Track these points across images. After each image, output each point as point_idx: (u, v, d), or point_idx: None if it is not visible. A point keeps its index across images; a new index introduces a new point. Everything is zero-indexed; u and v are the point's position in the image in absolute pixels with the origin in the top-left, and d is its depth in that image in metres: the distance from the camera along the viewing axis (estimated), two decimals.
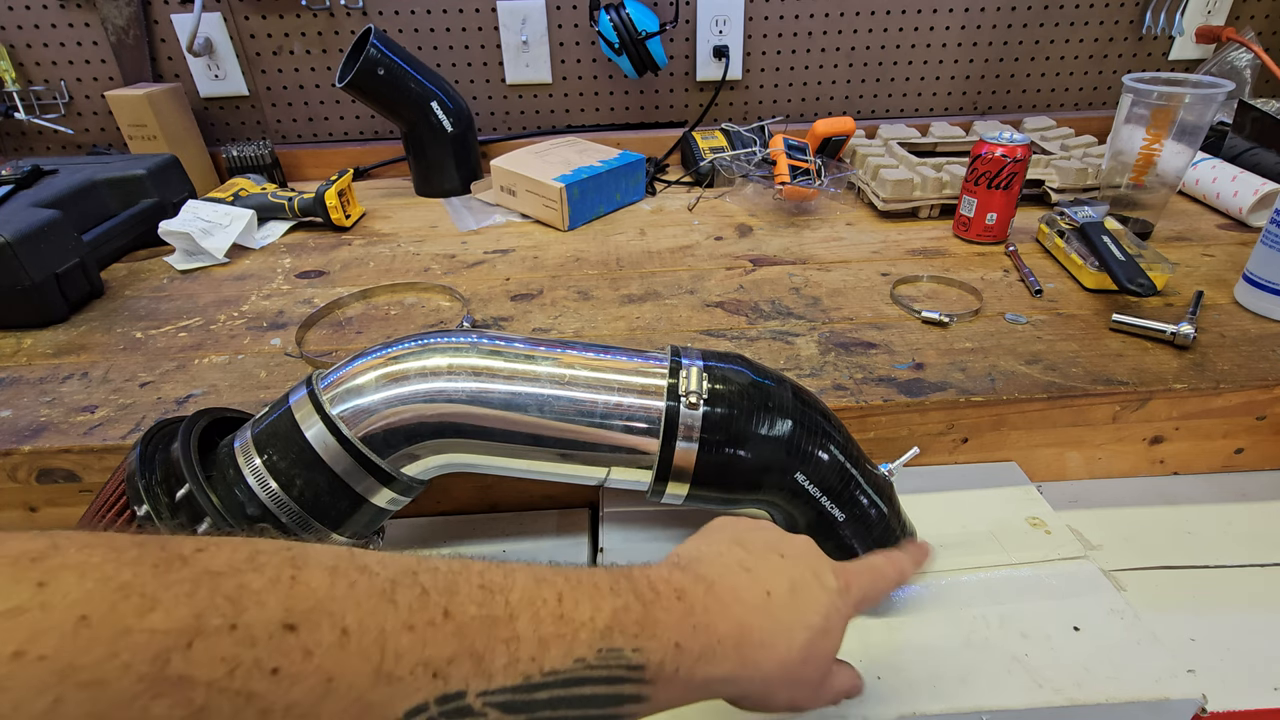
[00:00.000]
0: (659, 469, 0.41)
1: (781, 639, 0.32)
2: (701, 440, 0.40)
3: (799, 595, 0.33)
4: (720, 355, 0.44)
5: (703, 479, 0.41)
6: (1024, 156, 0.77)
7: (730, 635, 0.31)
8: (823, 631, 0.33)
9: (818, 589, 0.34)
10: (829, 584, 0.34)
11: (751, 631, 0.31)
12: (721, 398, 0.41)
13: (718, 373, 0.42)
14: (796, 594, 0.33)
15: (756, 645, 0.31)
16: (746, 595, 0.32)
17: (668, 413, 0.40)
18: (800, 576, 0.34)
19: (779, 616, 0.32)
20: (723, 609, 0.31)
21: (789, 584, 0.33)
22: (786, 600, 0.33)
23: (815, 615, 0.33)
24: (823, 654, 0.33)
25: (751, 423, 0.41)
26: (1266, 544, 0.54)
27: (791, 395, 0.43)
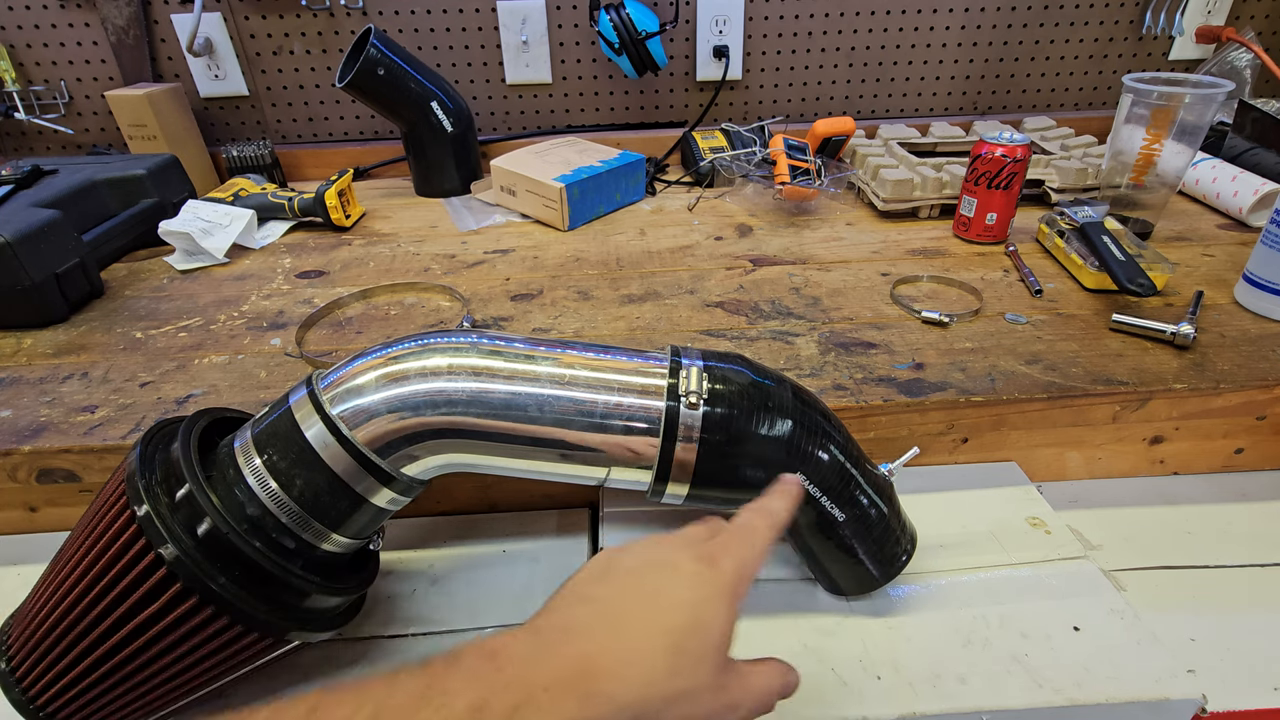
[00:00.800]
0: (659, 469, 0.41)
1: (636, 658, 0.28)
2: (701, 440, 0.40)
3: (651, 599, 0.30)
4: (720, 355, 0.44)
5: (703, 479, 0.41)
6: (1024, 156, 0.77)
7: (563, 678, 0.27)
8: (692, 628, 0.29)
9: (674, 585, 0.30)
10: (687, 572, 0.31)
11: (593, 663, 0.27)
12: (721, 398, 0.41)
13: (718, 373, 0.42)
14: (648, 599, 0.30)
15: (603, 676, 0.27)
16: (584, 627, 0.29)
17: (668, 413, 0.40)
18: (649, 582, 0.30)
19: (629, 634, 0.28)
20: (549, 651, 0.28)
21: (639, 596, 0.30)
22: (637, 614, 0.29)
23: (676, 614, 0.29)
24: (700, 653, 0.29)
25: (751, 423, 0.41)
26: (1266, 544, 0.54)
27: (791, 395, 0.43)
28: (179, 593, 0.35)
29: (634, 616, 0.29)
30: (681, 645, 0.28)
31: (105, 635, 0.36)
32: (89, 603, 0.36)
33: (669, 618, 0.29)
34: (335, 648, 0.47)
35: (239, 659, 0.39)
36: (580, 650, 0.28)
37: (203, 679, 0.39)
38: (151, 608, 0.35)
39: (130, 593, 0.36)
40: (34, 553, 0.54)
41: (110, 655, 0.36)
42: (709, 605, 0.30)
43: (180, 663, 0.37)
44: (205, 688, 0.40)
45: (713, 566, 0.31)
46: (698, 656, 0.29)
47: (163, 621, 0.36)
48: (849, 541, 0.44)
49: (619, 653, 0.28)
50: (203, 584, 0.35)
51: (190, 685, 0.38)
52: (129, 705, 0.38)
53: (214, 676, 0.39)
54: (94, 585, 0.36)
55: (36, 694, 0.38)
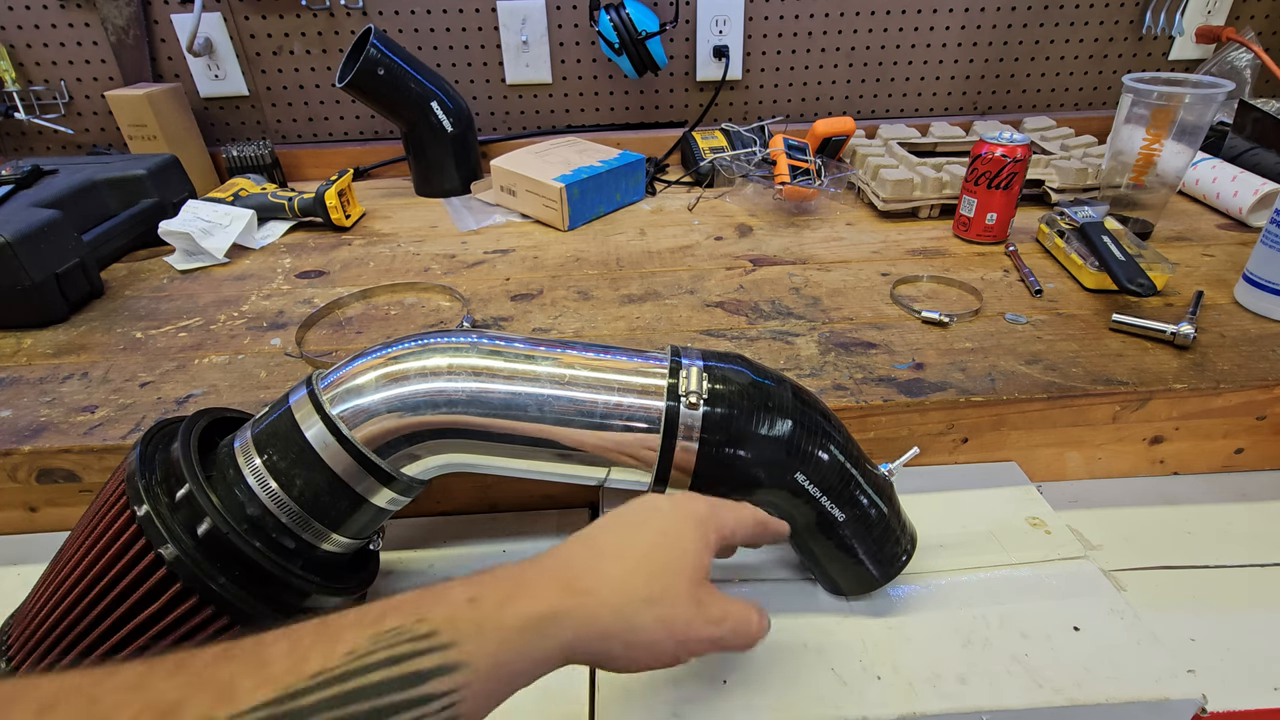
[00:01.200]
0: (659, 469, 0.41)
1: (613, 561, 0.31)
2: (701, 440, 0.40)
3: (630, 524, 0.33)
4: (720, 355, 0.44)
5: (703, 479, 0.41)
6: (1024, 156, 0.77)
7: (548, 576, 0.30)
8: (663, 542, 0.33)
9: (649, 512, 0.34)
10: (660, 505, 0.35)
11: (574, 567, 0.31)
12: (721, 398, 0.41)
13: (718, 373, 0.42)
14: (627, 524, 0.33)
15: (583, 575, 0.30)
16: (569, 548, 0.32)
17: (668, 413, 0.40)
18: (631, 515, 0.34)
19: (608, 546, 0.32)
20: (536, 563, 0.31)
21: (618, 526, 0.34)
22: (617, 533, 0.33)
23: (649, 531, 0.33)
24: (671, 565, 0.32)
25: (751, 423, 0.41)
26: (1266, 544, 0.54)
27: (791, 395, 0.43)
28: (179, 593, 0.35)
29: (614, 540, 0.33)
30: (653, 555, 0.32)
31: (105, 635, 0.36)
32: (89, 603, 0.36)
33: (645, 535, 0.33)
34: None
35: None
36: (563, 560, 0.32)
37: None
38: (151, 608, 0.35)
39: (130, 592, 0.36)
40: (34, 553, 0.54)
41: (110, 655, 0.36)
42: (680, 525, 0.34)
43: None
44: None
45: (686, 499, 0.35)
46: (669, 569, 0.32)
47: (163, 621, 0.36)
48: (849, 541, 0.44)
49: (598, 562, 0.32)
50: (203, 584, 0.35)
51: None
52: None
53: None
54: (94, 585, 0.36)
55: None
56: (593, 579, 0.30)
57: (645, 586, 0.31)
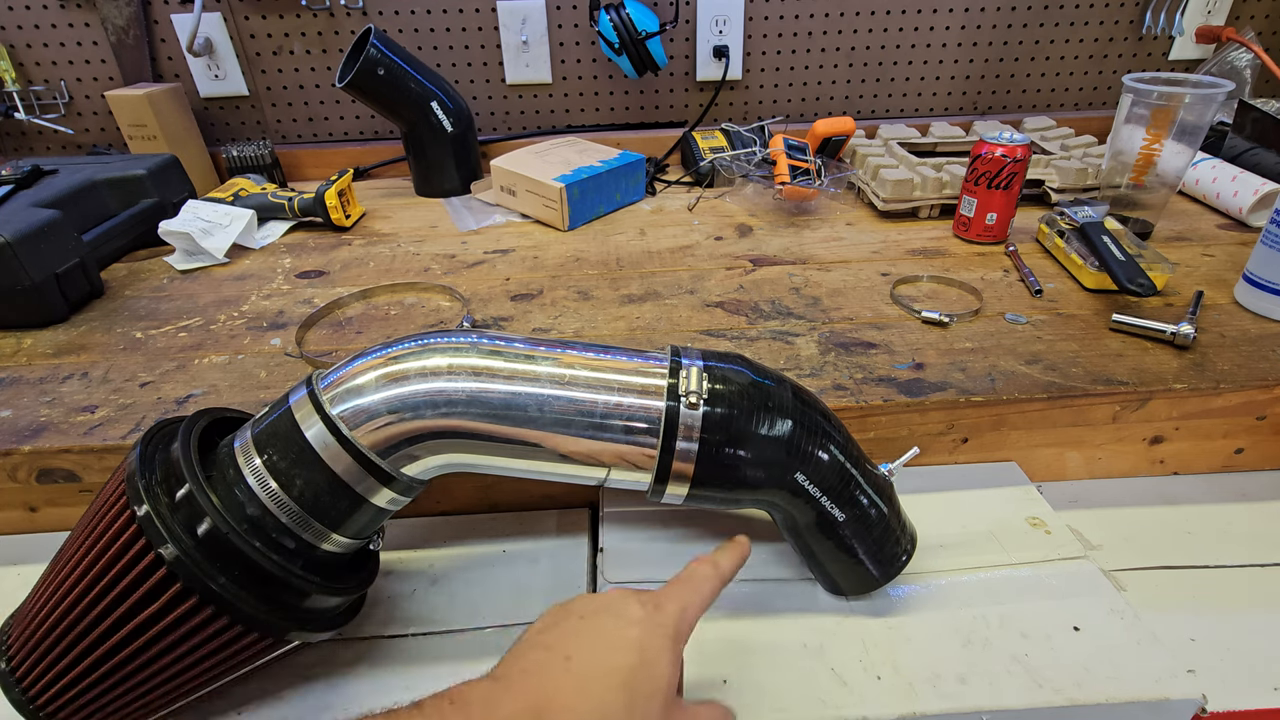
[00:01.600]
0: (659, 469, 0.41)
1: (591, 694, 0.30)
2: (701, 440, 0.40)
3: (601, 641, 0.32)
4: (720, 355, 0.44)
5: (703, 479, 0.41)
6: (1024, 156, 0.77)
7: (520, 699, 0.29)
8: (639, 665, 0.32)
9: (621, 627, 0.33)
10: (634, 616, 0.33)
11: (550, 703, 0.30)
12: (721, 398, 0.41)
13: (718, 373, 0.42)
14: (600, 644, 0.32)
15: (561, 711, 0.29)
16: (540, 670, 0.31)
17: (668, 413, 0.40)
18: (598, 625, 0.33)
19: (583, 673, 0.31)
20: (507, 694, 0.30)
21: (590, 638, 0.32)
22: (590, 655, 0.32)
23: (625, 654, 0.32)
24: (649, 689, 0.31)
25: (751, 423, 0.41)
26: (1266, 544, 0.54)
27: (791, 395, 0.43)
28: (179, 593, 0.35)
29: (586, 657, 0.31)
30: (631, 683, 0.31)
31: (105, 635, 0.36)
32: (89, 603, 0.36)
33: (618, 657, 0.32)
34: (335, 648, 0.47)
35: (239, 659, 0.39)
36: (537, 688, 0.30)
37: (203, 679, 0.39)
38: (151, 608, 0.35)
39: (130, 593, 0.36)
40: (34, 553, 0.54)
41: (110, 655, 0.36)
42: (654, 646, 0.32)
43: (180, 663, 0.37)
44: (205, 688, 0.40)
45: (658, 610, 0.34)
46: (648, 694, 0.31)
47: (163, 621, 0.36)
48: (849, 541, 0.44)
49: (574, 689, 0.30)
50: (203, 584, 0.35)
51: (190, 685, 0.38)
52: (129, 705, 0.38)
53: (214, 676, 0.39)
54: (94, 585, 0.36)
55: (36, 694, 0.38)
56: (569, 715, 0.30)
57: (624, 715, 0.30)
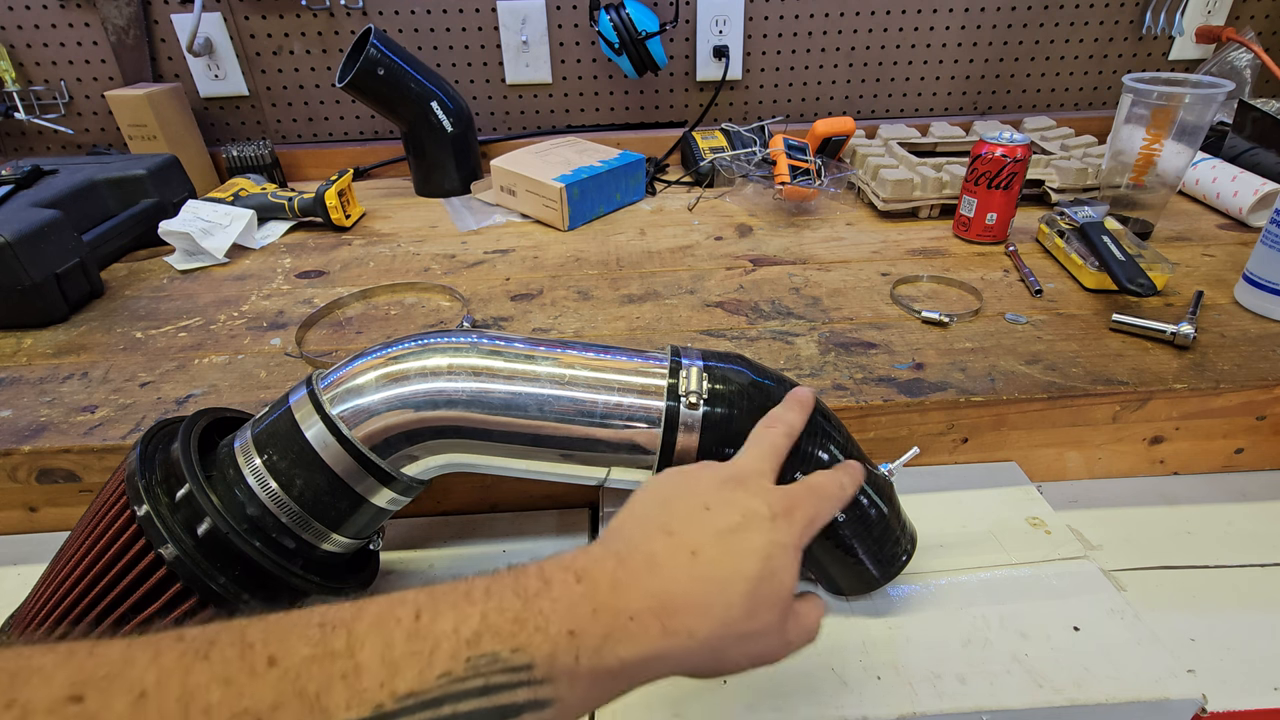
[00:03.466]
0: (659, 469, 0.41)
1: (716, 599, 0.29)
2: (701, 440, 0.40)
3: (730, 544, 0.31)
4: (720, 355, 0.44)
5: None
6: (1024, 156, 0.77)
7: (648, 609, 0.28)
8: (766, 575, 0.30)
9: (752, 531, 0.31)
10: (763, 518, 0.32)
11: (675, 599, 0.29)
12: (721, 398, 0.41)
13: (718, 373, 0.42)
14: (727, 543, 0.31)
15: (685, 612, 0.29)
16: (666, 561, 0.30)
17: (668, 412, 0.40)
18: (729, 522, 0.32)
19: (709, 575, 0.30)
20: (635, 582, 0.29)
21: (716, 535, 0.31)
22: (716, 555, 0.30)
23: (752, 561, 0.31)
24: (772, 599, 0.31)
25: (751, 423, 0.41)
26: (1266, 544, 0.54)
27: None
28: (179, 593, 0.35)
29: (713, 556, 0.30)
30: (756, 591, 0.30)
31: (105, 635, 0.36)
32: (89, 603, 0.36)
33: (747, 564, 0.30)
34: None
35: None
36: (664, 586, 0.29)
37: None
38: (151, 608, 0.35)
39: (130, 592, 0.36)
40: (34, 553, 0.54)
41: None
42: (782, 554, 0.31)
43: None
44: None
45: (788, 515, 0.33)
46: (770, 603, 0.31)
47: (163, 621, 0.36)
48: (849, 541, 0.44)
49: (700, 593, 0.29)
50: (202, 584, 0.35)
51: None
52: None
53: None
54: (94, 585, 0.36)
55: None
56: (696, 617, 0.29)
57: (744, 623, 0.30)
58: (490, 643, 0.25)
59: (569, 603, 0.27)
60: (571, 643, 0.26)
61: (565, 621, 0.26)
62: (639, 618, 0.28)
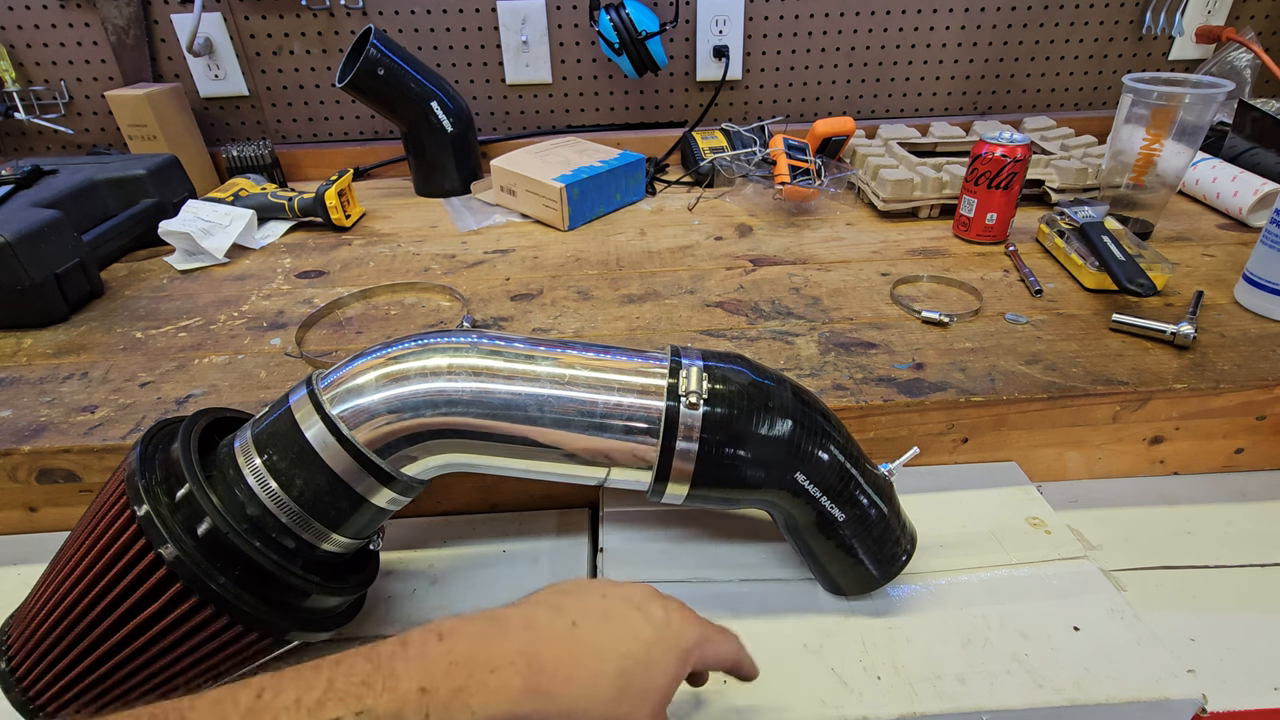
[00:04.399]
0: (659, 469, 0.41)
1: (585, 667, 0.29)
2: (701, 440, 0.40)
3: (613, 624, 0.30)
4: (720, 355, 0.44)
5: (703, 479, 0.41)
6: (1024, 156, 0.77)
7: (511, 663, 0.27)
8: (644, 664, 0.30)
9: (639, 620, 0.31)
10: (655, 616, 0.32)
11: (543, 659, 0.28)
12: (721, 398, 0.41)
13: (718, 373, 0.42)
14: (610, 622, 0.30)
15: (550, 674, 0.28)
16: (545, 624, 0.29)
17: (668, 413, 0.40)
18: (618, 609, 0.31)
19: (584, 643, 0.29)
20: (504, 637, 0.28)
21: (602, 614, 0.31)
22: (596, 628, 0.30)
23: (632, 644, 0.30)
24: (644, 692, 0.30)
25: (752, 423, 0.41)
26: (1266, 544, 0.54)
27: (791, 395, 0.43)
28: (179, 592, 0.35)
29: (593, 630, 0.30)
30: (629, 674, 0.29)
31: (105, 635, 0.36)
32: (89, 603, 0.36)
33: (626, 645, 0.30)
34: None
35: (239, 659, 0.39)
36: (533, 645, 0.29)
37: (203, 679, 0.39)
38: (151, 607, 0.35)
39: (130, 593, 0.36)
40: (34, 553, 0.54)
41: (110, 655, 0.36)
42: (664, 652, 0.31)
43: (180, 663, 0.37)
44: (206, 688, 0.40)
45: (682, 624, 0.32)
46: (641, 693, 0.30)
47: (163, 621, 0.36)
48: (849, 541, 0.44)
49: (570, 660, 0.29)
50: (202, 584, 0.35)
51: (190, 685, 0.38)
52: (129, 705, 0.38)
53: (214, 676, 0.39)
54: (94, 585, 0.36)
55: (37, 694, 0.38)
56: (560, 682, 0.28)
57: (610, 704, 0.29)
58: (334, 709, 0.24)
59: (424, 660, 0.26)
60: (422, 699, 0.25)
61: (417, 679, 0.26)
62: (500, 671, 0.27)
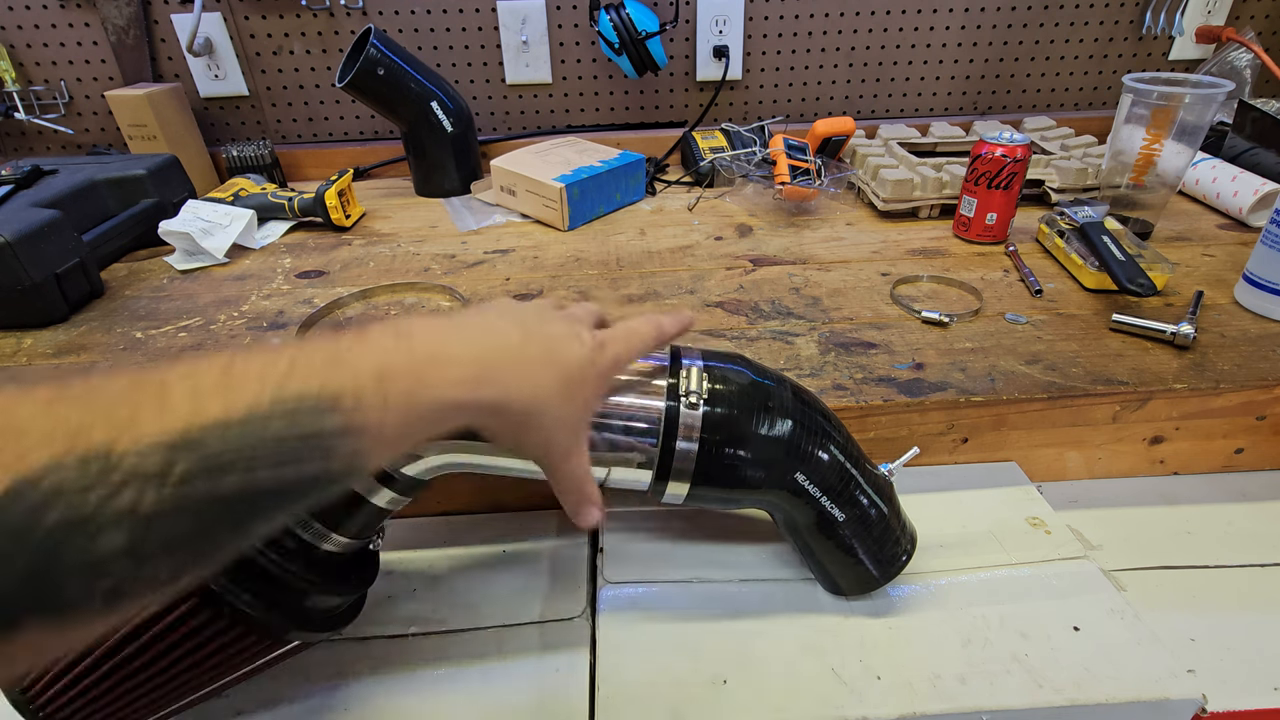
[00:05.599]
0: (659, 468, 0.41)
1: (534, 372, 0.33)
2: (701, 440, 0.40)
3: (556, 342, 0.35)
4: (721, 355, 0.44)
5: (703, 478, 0.41)
6: (1024, 156, 0.77)
7: (466, 353, 0.31)
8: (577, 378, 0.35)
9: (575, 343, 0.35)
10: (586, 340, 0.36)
11: (493, 350, 0.32)
12: (721, 397, 0.41)
13: (718, 372, 0.42)
14: (554, 341, 0.35)
15: (504, 368, 0.32)
16: (500, 330, 0.33)
17: (668, 412, 0.40)
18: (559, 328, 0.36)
19: (532, 353, 0.33)
20: (459, 332, 0.31)
21: (538, 318, 0.35)
22: (542, 342, 0.34)
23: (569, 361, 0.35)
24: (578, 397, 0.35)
25: (751, 423, 0.41)
26: (1266, 544, 0.54)
27: (791, 395, 0.43)
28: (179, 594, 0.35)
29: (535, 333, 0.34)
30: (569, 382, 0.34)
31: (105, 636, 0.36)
32: None
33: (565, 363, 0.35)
34: (336, 648, 0.47)
35: (239, 659, 0.38)
36: (482, 339, 0.32)
37: (203, 679, 0.38)
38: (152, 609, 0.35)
39: None
40: None
41: (110, 655, 0.36)
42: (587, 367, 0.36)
43: (180, 664, 0.37)
44: (206, 688, 0.40)
45: (600, 351, 0.36)
46: (581, 402, 0.35)
47: (162, 622, 0.36)
48: (849, 541, 0.44)
49: (521, 366, 0.33)
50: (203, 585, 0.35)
51: (190, 686, 0.38)
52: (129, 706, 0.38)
53: (214, 677, 0.39)
54: None
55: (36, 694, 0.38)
56: (512, 376, 0.32)
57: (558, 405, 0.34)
58: (299, 380, 0.26)
59: (384, 351, 0.28)
60: (380, 385, 0.27)
61: (377, 359, 0.28)
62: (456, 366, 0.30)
